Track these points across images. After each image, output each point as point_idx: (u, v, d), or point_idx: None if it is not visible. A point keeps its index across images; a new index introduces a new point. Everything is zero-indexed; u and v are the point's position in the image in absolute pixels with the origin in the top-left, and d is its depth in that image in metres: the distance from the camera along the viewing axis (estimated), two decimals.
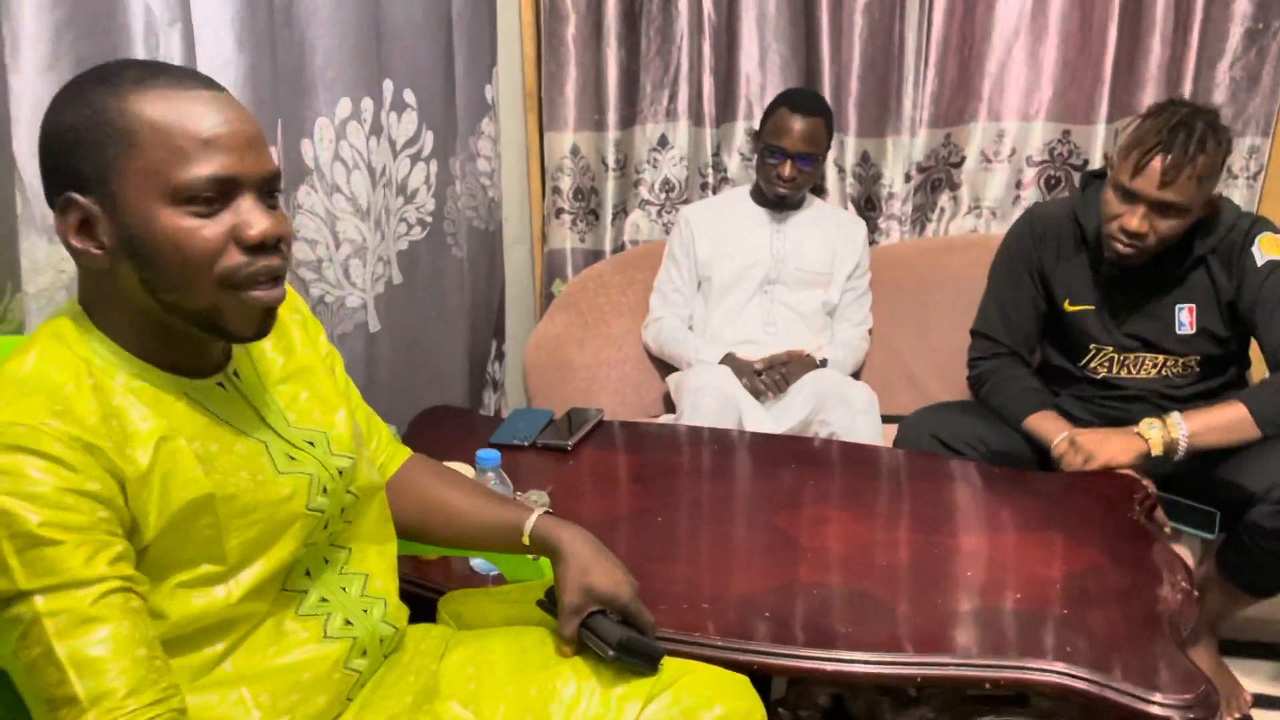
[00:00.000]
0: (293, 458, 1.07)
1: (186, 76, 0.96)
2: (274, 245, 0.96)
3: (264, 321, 0.99)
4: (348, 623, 1.12)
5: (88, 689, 0.86)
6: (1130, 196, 1.89)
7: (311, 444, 1.11)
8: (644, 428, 2.16)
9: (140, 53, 1.30)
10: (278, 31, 1.63)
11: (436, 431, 2.04)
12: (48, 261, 1.27)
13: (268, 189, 0.97)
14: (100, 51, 1.23)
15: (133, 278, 0.94)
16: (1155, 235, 1.91)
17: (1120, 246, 1.95)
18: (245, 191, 0.95)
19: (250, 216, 0.94)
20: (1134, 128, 1.91)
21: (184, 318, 0.96)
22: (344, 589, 1.14)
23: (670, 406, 2.54)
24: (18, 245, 1.20)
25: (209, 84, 0.97)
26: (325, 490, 1.10)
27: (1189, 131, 1.83)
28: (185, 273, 0.93)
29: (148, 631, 0.91)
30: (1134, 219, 1.90)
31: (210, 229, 0.93)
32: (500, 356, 2.78)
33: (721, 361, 2.42)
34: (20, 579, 0.86)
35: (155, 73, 0.94)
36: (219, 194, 0.93)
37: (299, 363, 1.16)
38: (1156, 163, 1.84)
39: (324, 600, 1.11)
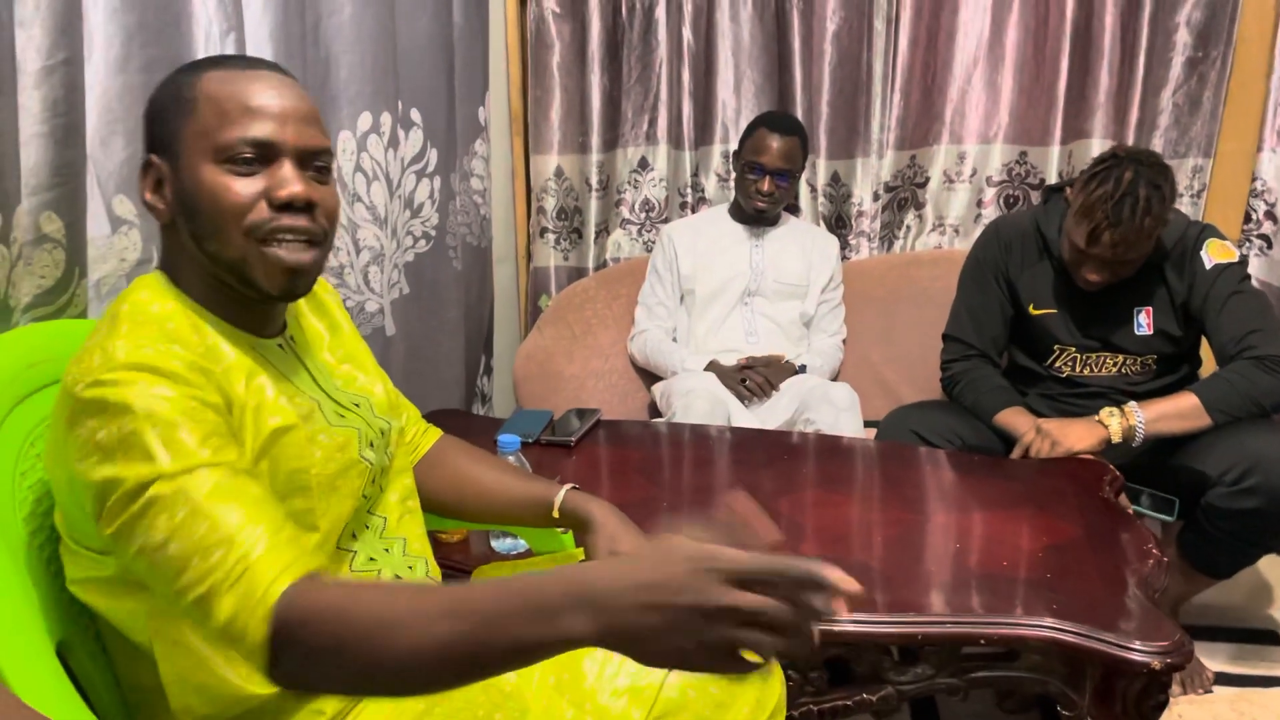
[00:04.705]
0: (342, 415, 1.16)
1: (256, 63, 1.08)
2: (304, 208, 1.04)
3: (290, 280, 1.06)
4: (397, 576, 1.20)
5: (240, 529, 0.90)
6: (1088, 256, 2.04)
7: (357, 405, 1.20)
8: (641, 426, 2.26)
9: (200, 57, 1.39)
10: (307, 49, 1.74)
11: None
12: (110, 250, 1.35)
13: (313, 163, 1.06)
14: (165, 55, 1.33)
15: (186, 231, 1.04)
16: (1116, 277, 2.07)
17: (1084, 285, 2.10)
18: (284, 158, 1.03)
19: (284, 178, 1.03)
20: (1082, 192, 2.00)
21: (223, 268, 1.05)
22: (386, 550, 1.21)
23: (655, 415, 2.64)
24: (85, 233, 1.28)
25: (273, 67, 1.08)
26: (372, 445, 1.19)
27: (1134, 201, 1.93)
28: (218, 223, 1.02)
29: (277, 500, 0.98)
30: (1093, 274, 2.05)
31: (245, 186, 1.02)
32: (489, 370, 2.87)
33: (706, 368, 2.53)
34: (163, 463, 0.91)
35: (229, 59, 1.09)
36: (258, 156, 1.02)
37: (342, 338, 1.27)
38: (1107, 237, 1.97)
39: (371, 559, 1.18)
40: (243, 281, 1.05)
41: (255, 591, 0.88)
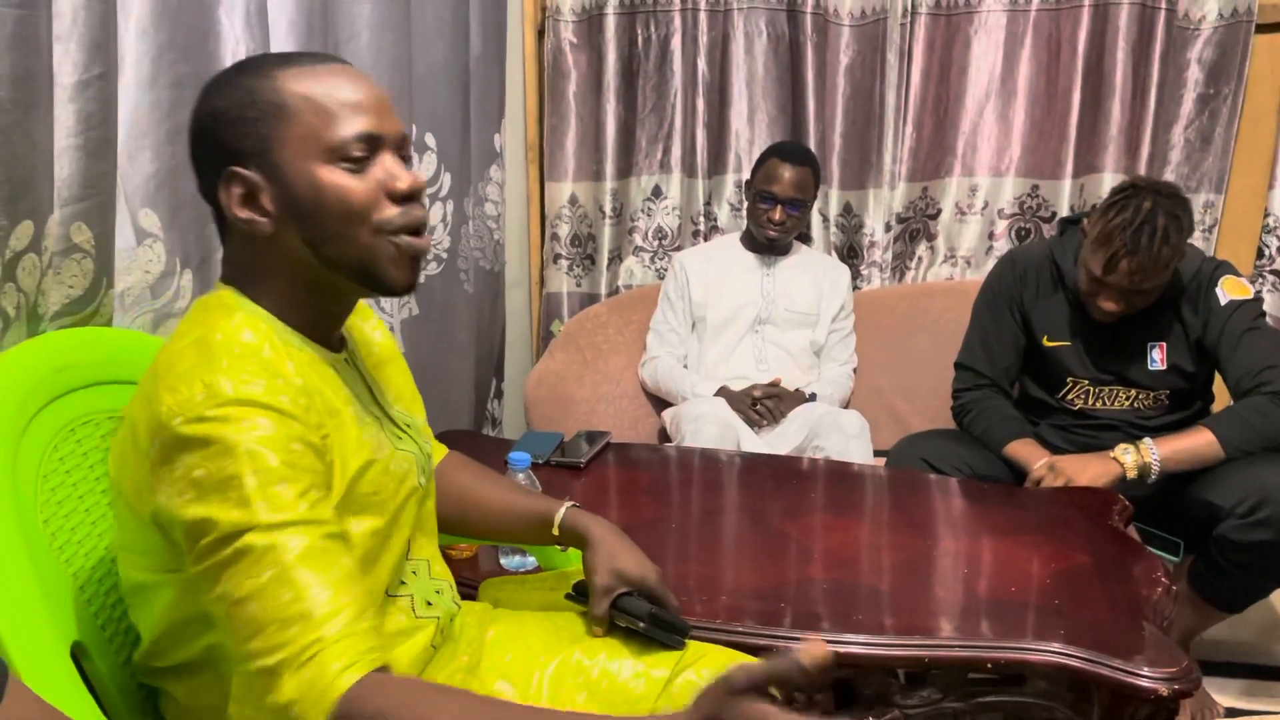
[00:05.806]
0: (399, 436, 1.15)
1: (320, 57, 1.06)
2: (417, 197, 1.04)
3: (414, 269, 1.05)
4: (428, 603, 1.18)
5: (322, 605, 0.89)
6: (1104, 285, 2.05)
7: (409, 426, 1.19)
8: (650, 449, 2.28)
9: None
10: None
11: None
12: (135, 262, 1.38)
13: (403, 149, 1.06)
14: (194, 72, 1.36)
15: (295, 240, 1.01)
16: (1131, 308, 2.07)
17: (1099, 316, 2.11)
18: (386, 149, 1.03)
19: (396, 170, 1.02)
20: (1101, 220, 2.01)
21: (344, 270, 1.03)
22: (414, 573, 1.19)
23: (665, 440, 2.65)
24: (114, 244, 1.30)
25: (340, 60, 1.07)
26: (423, 470, 1.18)
27: (1152, 230, 1.94)
28: (346, 223, 1.00)
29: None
30: (1109, 303, 2.06)
31: (362, 183, 1.01)
32: (499, 394, 2.88)
33: (716, 394, 2.54)
34: (259, 513, 0.90)
35: (294, 56, 1.05)
36: (366, 151, 1.01)
37: (388, 351, 1.27)
38: (1125, 265, 1.98)
39: (402, 583, 1.16)
40: (366, 278, 1.03)
41: (321, 680, 0.87)
